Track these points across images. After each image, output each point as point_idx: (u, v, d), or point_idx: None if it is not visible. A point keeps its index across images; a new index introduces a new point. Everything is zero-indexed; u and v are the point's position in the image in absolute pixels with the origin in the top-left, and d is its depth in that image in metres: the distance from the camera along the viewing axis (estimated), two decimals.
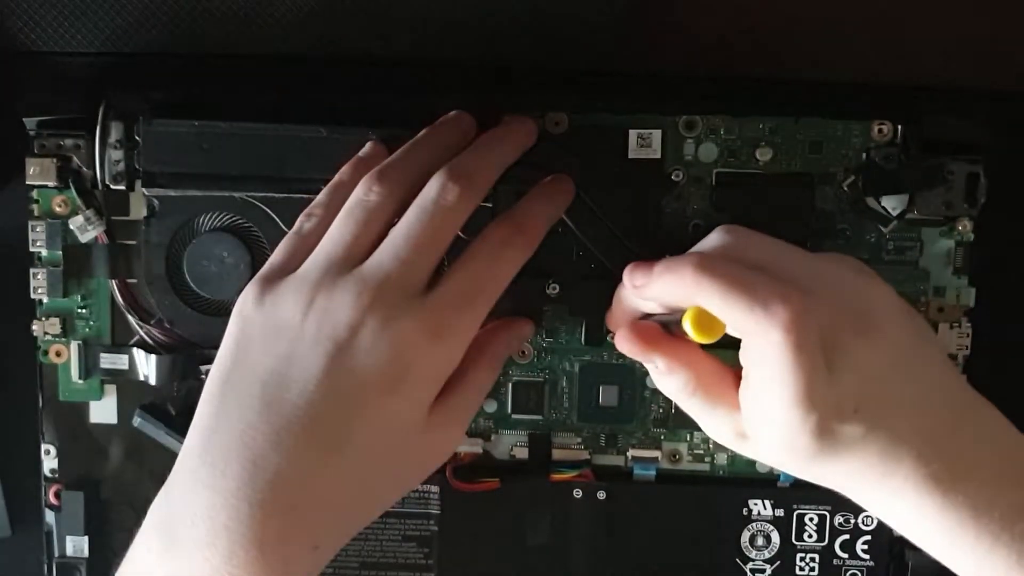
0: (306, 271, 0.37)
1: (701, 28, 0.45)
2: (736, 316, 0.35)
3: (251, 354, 0.36)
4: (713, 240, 0.38)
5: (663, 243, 0.44)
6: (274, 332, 0.36)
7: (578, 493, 0.46)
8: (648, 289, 0.38)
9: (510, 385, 0.46)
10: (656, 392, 0.45)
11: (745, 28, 0.45)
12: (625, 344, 0.39)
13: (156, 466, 0.46)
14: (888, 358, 0.35)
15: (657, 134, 0.44)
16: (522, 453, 0.46)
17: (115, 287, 0.45)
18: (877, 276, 0.37)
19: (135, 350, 0.45)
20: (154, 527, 0.36)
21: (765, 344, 0.34)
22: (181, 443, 0.45)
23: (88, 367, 0.46)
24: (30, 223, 0.45)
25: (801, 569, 0.46)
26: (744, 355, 0.36)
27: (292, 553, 0.34)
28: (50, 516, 0.46)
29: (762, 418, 0.36)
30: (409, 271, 0.36)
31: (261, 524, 0.34)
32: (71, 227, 0.45)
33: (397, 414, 0.36)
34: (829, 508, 0.46)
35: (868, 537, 0.46)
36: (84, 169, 0.44)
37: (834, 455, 0.35)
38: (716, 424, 0.39)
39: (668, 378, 0.39)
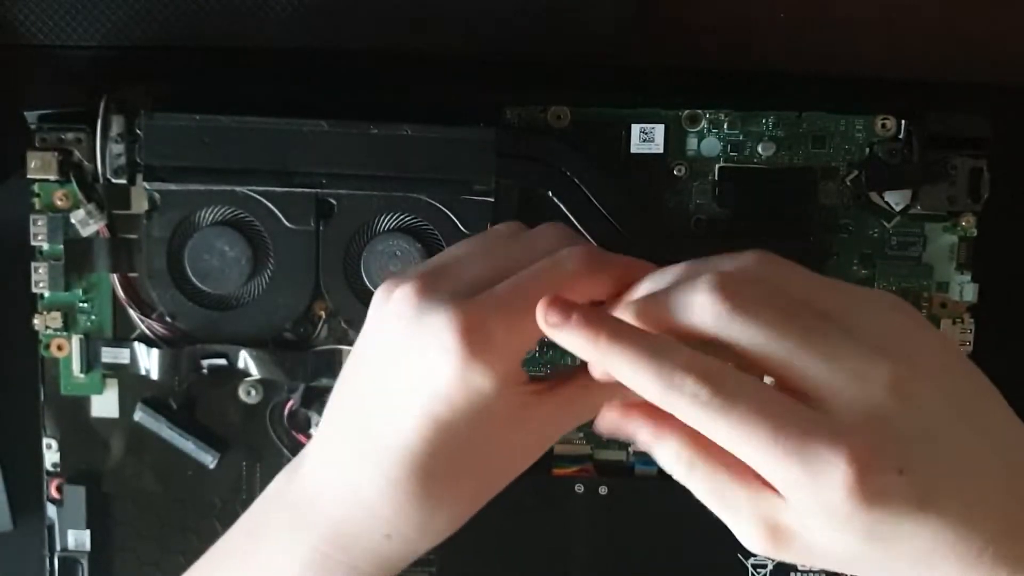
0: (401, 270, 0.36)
1: (704, 23, 0.45)
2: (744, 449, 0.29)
3: (358, 344, 0.36)
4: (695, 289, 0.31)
5: (665, 238, 0.44)
6: (367, 325, 0.35)
7: (580, 488, 0.46)
8: (560, 337, 0.32)
9: None
10: None
11: (748, 23, 0.45)
12: (603, 426, 0.33)
13: (158, 460, 0.46)
14: (936, 408, 0.30)
15: (660, 128, 0.44)
16: None
17: (116, 281, 0.45)
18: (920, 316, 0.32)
19: (136, 344, 0.45)
20: (276, 484, 0.37)
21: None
22: (182, 437, 0.46)
23: (89, 361, 0.46)
24: (31, 217, 0.45)
25: (803, 565, 0.46)
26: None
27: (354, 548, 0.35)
28: (52, 510, 0.46)
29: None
30: (456, 274, 0.34)
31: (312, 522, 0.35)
32: (72, 221, 0.45)
33: (442, 415, 0.33)
34: None
35: None
36: (85, 163, 0.44)
37: (890, 532, 0.29)
38: (734, 513, 0.31)
39: (656, 449, 0.32)
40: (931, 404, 0.30)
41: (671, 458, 0.32)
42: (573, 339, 0.31)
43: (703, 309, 0.30)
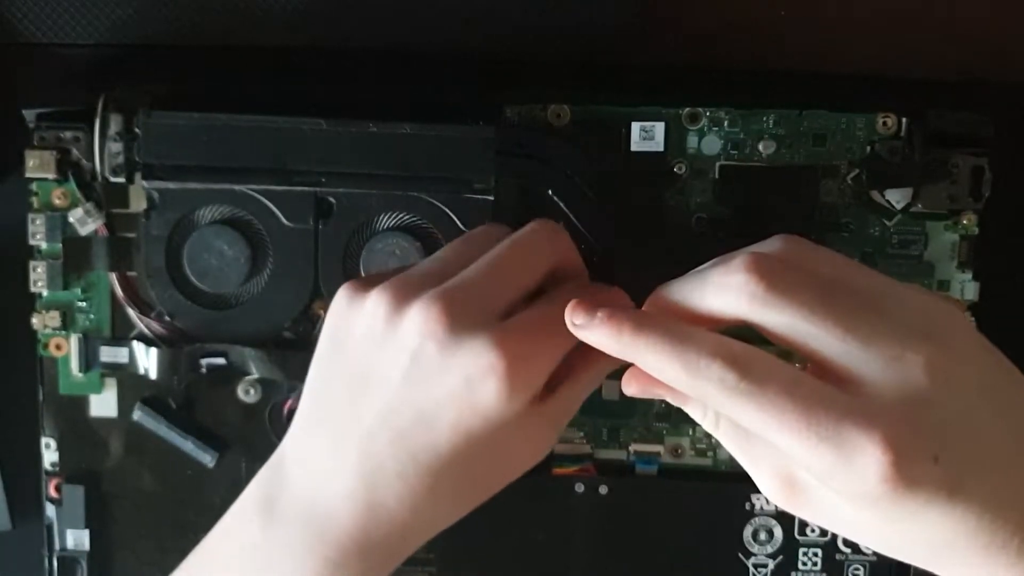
0: (397, 279, 0.35)
1: (704, 20, 0.45)
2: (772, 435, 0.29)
3: (344, 350, 0.35)
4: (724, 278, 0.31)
5: (666, 236, 0.44)
6: (361, 334, 0.35)
7: (580, 487, 0.46)
8: (587, 335, 0.32)
9: None
10: None
11: (749, 20, 0.45)
12: (629, 387, 0.34)
13: (156, 460, 0.46)
14: (970, 395, 0.30)
15: (660, 126, 0.44)
16: None
17: (115, 280, 0.45)
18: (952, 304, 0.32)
19: (135, 343, 0.45)
20: (255, 500, 0.37)
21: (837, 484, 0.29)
22: (181, 437, 0.45)
23: (88, 360, 0.45)
24: (29, 216, 0.45)
25: (804, 564, 0.46)
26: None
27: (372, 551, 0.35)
28: (51, 509, 0.46)
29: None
30: (487, 292, 0.34)
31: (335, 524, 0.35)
32: (70, 220, 0.45)
33: (475, 427, 0.34)
34: None
35: None
36: (84, 161, 0.44)
37: (914, 517, 0.29)
38: (754, 464, 0.33)
39: (685, 406, 0.33)
40: (965, 389, 0.29)
41: (698, 414, 0.33)
42: (598, 336, 0.32)
43: (738, 291, 0.30)
